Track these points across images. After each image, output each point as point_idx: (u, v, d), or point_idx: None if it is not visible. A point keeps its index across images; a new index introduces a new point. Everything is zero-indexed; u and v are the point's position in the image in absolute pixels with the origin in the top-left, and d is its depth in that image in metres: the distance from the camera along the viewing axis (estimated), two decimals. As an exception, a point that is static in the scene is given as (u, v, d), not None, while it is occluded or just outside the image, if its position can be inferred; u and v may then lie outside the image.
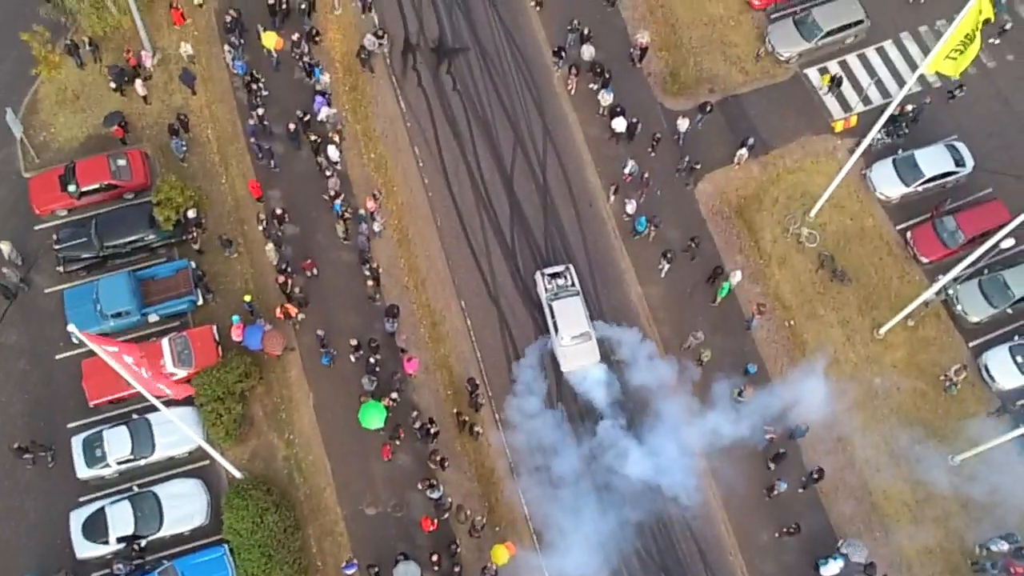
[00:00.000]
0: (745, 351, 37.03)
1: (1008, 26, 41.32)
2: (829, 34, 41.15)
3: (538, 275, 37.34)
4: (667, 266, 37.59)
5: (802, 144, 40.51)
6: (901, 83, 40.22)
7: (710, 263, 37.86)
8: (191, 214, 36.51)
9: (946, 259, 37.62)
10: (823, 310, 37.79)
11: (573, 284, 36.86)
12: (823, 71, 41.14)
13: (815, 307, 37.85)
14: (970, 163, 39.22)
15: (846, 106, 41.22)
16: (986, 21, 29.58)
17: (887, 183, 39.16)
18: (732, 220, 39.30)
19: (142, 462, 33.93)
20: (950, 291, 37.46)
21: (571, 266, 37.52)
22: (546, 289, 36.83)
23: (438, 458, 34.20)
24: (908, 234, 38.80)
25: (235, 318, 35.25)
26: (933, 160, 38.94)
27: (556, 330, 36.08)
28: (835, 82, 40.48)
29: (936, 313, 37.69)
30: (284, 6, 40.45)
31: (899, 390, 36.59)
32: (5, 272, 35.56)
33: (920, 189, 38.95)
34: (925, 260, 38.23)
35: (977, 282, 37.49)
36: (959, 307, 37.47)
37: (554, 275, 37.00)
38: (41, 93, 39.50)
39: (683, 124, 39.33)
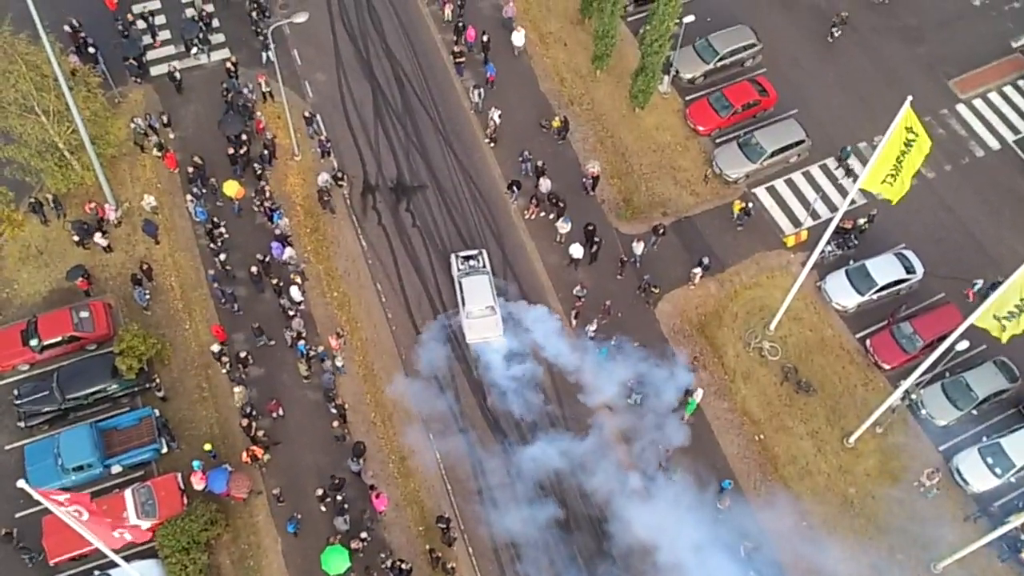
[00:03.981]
0: (718, 467, 36.80)
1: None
2: (773, 154, 42.82)
3: (452, 257, 39.93)
4: (638, 398, 37.69)
5: (756, 260, 41.48)
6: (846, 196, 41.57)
7: (677, 380, 37.97)
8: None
9: (907, 364, 38.01)
10: (791, 422, 37.85)
11: (484, 266, 39.45)
12: (742, 198, 42.46)
13: (783, 419, 37.91)
14: (920, 270, 40.22)
15: (796, 222, 42.46)
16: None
17: (842, 293, 39.96)
18: (694, 338, 39.72)
19: (104, 621, 32.79)
20: (914, 396, 37.73)
21: (484, 251, 40.18)
22: (458, 269, 39.33)
23: (411, 598, 33.28)
24: (867, 342, 39.33)
25: (196, 463, 34.72)
26: (884, 269, 39.91)
27: (463, 304, 38.29)
28: (745, 211, 41.57)
29: (903, 418, 37.84)
30: (244, 155, 41.64)
31: (874, 498, 36.32)
32: (-37, 431, 35.13)
33: (875, 298, 39.75)
34: (887, 367, 38.62)
35: (940, 385, 37.85)
36: (924, 411, 37.69)
37: (467, 257, 39.69)
38: (4, 251, 39.89)
39: (638, 247, 40.27)
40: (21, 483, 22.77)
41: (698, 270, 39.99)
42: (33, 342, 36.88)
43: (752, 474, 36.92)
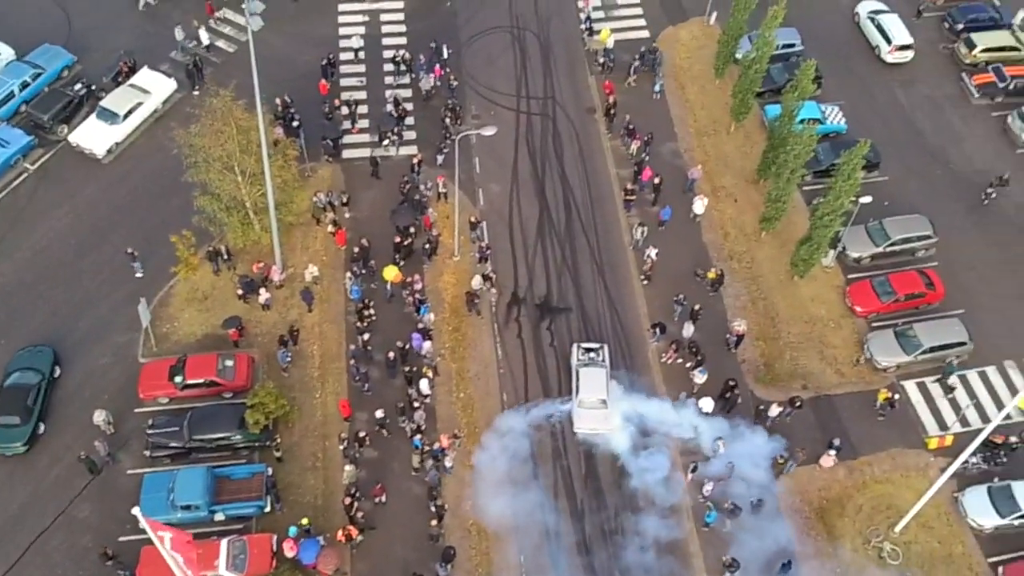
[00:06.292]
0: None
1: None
2: (931, 351, 41.30)
3: (574, 346, 40.76)
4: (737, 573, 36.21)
5: (893, 455, 39.63)
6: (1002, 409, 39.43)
7: (781, 556, 36.34)
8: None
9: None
10: (901, 634, 35.39)
11: (604, 360, 39.83)
12: (890, 388, 40.93)
13: (892, 629, 35.50)
14: (1080, 503, 37.39)
15: (943, 424, 40.48)
16: None
17: (980, 511, 37.50)
18: (811, 521, 37.98)
19: (172, 662, 33.35)
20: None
21: (606, 346, 40.69)
22: (578, 359, 40.00)
23: None
24: (1000, 569, 36.60)
25: (292, 530, 35.46)
26: (1034, 496, 37.34)
27: (576, 392, 38.96)
28: (889, 403, 40.11)
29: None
30: (408, 246, 43.59)
31: None
32: (96, 446, 37.20)
33: (1016, 523, 37.07)
34: (1019, 601, 35.75)
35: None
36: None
37: (588, 349, 40.38)
38: (175, 290, 42.85)
39: (774, 410, 39.28)
40: (136, 511, 23.83)
41: (832, 452, 38.51)
42: (177, 379, 39.11)
43: None
